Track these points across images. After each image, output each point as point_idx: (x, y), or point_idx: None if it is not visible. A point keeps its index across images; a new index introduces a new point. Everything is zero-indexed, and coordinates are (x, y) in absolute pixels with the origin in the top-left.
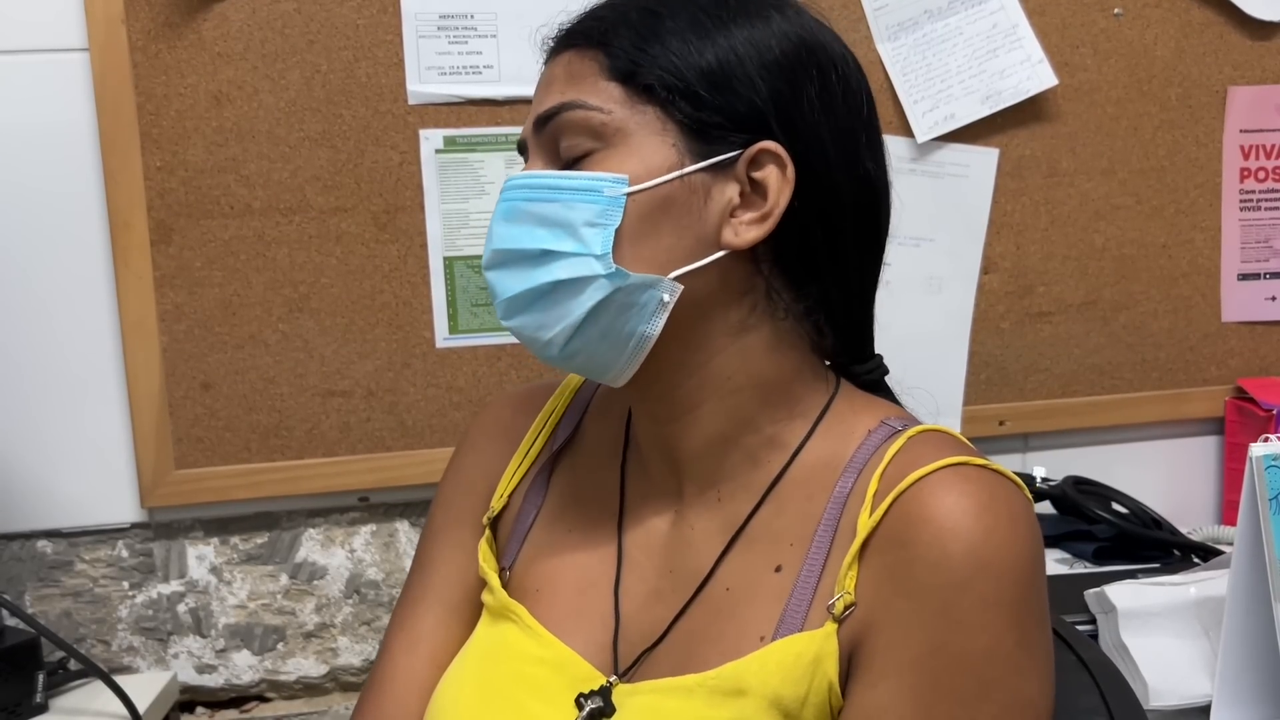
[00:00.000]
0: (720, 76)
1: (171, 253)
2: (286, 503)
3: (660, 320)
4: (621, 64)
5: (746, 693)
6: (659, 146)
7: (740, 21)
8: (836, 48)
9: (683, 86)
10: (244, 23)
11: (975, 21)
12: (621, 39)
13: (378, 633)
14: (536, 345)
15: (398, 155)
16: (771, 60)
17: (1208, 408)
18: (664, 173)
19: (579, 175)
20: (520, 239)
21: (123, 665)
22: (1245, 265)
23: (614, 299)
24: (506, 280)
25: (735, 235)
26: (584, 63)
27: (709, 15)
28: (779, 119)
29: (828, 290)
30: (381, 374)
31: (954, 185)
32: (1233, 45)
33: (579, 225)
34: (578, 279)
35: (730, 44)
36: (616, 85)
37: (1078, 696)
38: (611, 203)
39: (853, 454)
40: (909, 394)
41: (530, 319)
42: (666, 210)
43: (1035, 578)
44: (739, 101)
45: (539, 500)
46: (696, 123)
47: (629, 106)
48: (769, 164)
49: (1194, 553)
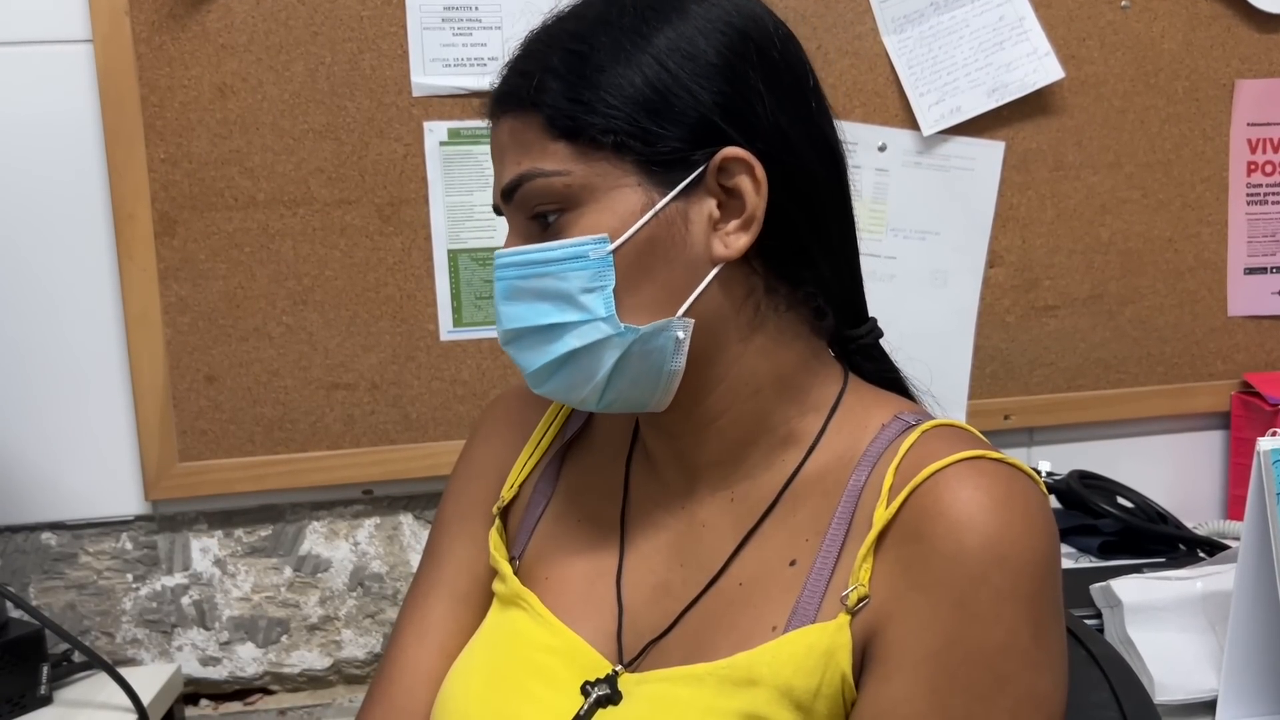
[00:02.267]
0: (659, 102)
1: (175, 245)
2: (290, 495)
3: (683, 355)
4: (560, 122)
5: (758, 683)
6: (625, 193)
7: (661, 28)
8: (765, 18)
9: (626, 126)
10: (248, 14)
11: (981, 14)
12: (553, 94)
13: (382, 625)
14: (574, 403)
15: (402, 148)
16: (706, 64)
17: (1214, 402)
18: (638, 217)
19: (561, 245)
20: (526, 316)
21: (127, 657)
22: (1252, 259)
23: (632, 352)
24: (527, 356)
25: (725, 247)
26: (526, 127)
27: (629, 34)
28: (732, 123)
29: (820, 269)
30: (386, 367)
31: (960, 178)
32: (1240, 38)
33: (576, 294)
34: (592, 344)
35: (659, 60)
36: (564, 144)
37: (1089, 691)
38: (601, 264)
39: (866, 448)
40: (916, 388)
41: (559, 385)
42: (653, 251)
43: (1051, 572)
44: (686, 119)
45: (549, 491)
46: (652, 156)
47: (583, 162)
48: (737, 171)
49: (1200, 547)
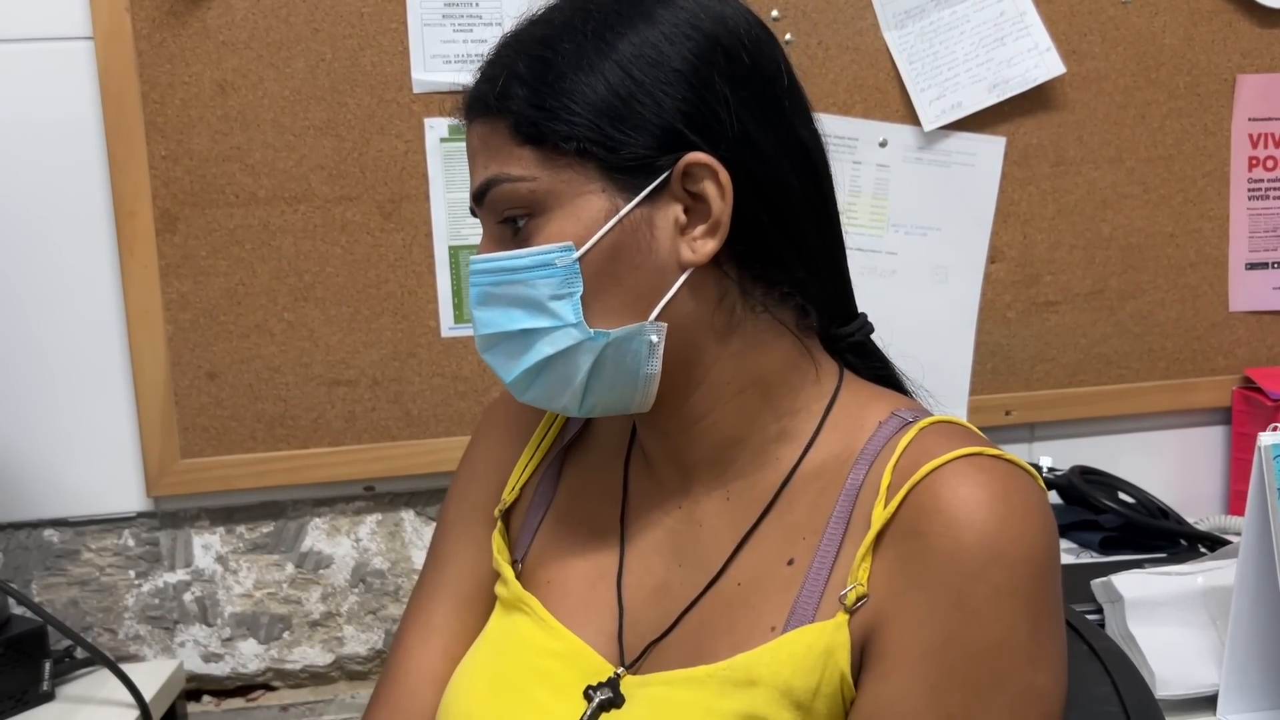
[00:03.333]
0: (623, 108)
1: (177, 242)
2: (292, 492)
3: (658, 359)
4: (525, 129)
5: (757, 683)
6: (590, 200)
7: (625, 33)
8: (736, 21)
9: (589, 133)
10: (248, 11)
11: (982, 9)
12: (518, 100)
13: (383, 622)
14: (557, 409)
15: (403, 144)
16: (670, 70)
17: (1215, 397)
18: (602, 224)
19: (528, 253)
20: (500, 322)
21: (129, 654)
22: (1253, 254)
23: (606, 356)
24: (504, 363)
25: (693, 253)
26: (494, 132)
27: (594, 40)
28: (695, 129)
29: (795, 271)
30: (387, 363)
31: (961, 174)
32: (1242, 33)
33: (545, 300)
34: (565, 350)
35: (622, 67)
36: (529, 149)
37: (1090, 686)
38: (568, 271)
39: (864, 446)
40: (914, 387)
41: (539, 393)
42: (618, 257)
43: (1049, 568)
44: (650, 126)
45: (550, 493)
46: (615, 162)
47: (548, 168)
48: (702, 178)
49: (1201, 542)
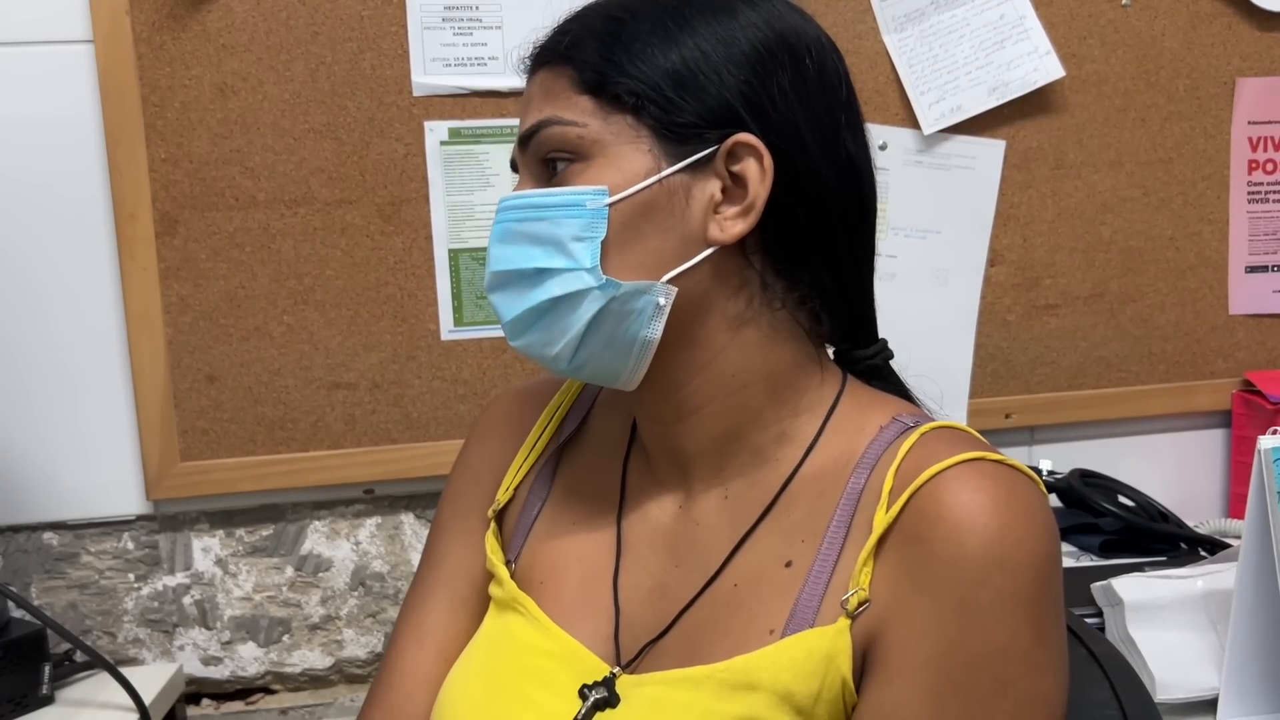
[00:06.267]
0: (687, 76)
1: (176, 245)
2: (292, 495)
3: (659, 324)
4: (589, 76)
5: (757, 687)
6: (635, 154)
7: (705, 19)
8: (809, 32)
9: (650, 91)
10: (248, 14)
11: (982, 12)
12: (587, 51)
13: (383, 625)
14: (545, 361)
15: (402, 147)
16: (739, 54)
17: (1215, 400)
18: (642, 179)
19: (561, 191)
20: (515, 259)
21: (128, 657)
22: (1253, 258)
23: (610, 309)
24: (508, 302)
25: (721, 231)
26: (556, 79)
27: (673, 17)
28: (750, 111)
29: (819, 276)
30: (386, 366)
31: (960, 177)
32: (1241, 36)
33: (567, 240)
34: (573, 294)
35: (695, 42)
36: (588, 98)
37: (1090, 690)
38: (595, 215)
39: (864, 450)
40: (916, 385)
41: (535, 338)
42: (649, 215)
43: (1052, 573)
44: (708, 98)
45: (544, 493)
46: (668, 125)
47: (602, 117)
48: (746, 157)
49: (1201, 546)
